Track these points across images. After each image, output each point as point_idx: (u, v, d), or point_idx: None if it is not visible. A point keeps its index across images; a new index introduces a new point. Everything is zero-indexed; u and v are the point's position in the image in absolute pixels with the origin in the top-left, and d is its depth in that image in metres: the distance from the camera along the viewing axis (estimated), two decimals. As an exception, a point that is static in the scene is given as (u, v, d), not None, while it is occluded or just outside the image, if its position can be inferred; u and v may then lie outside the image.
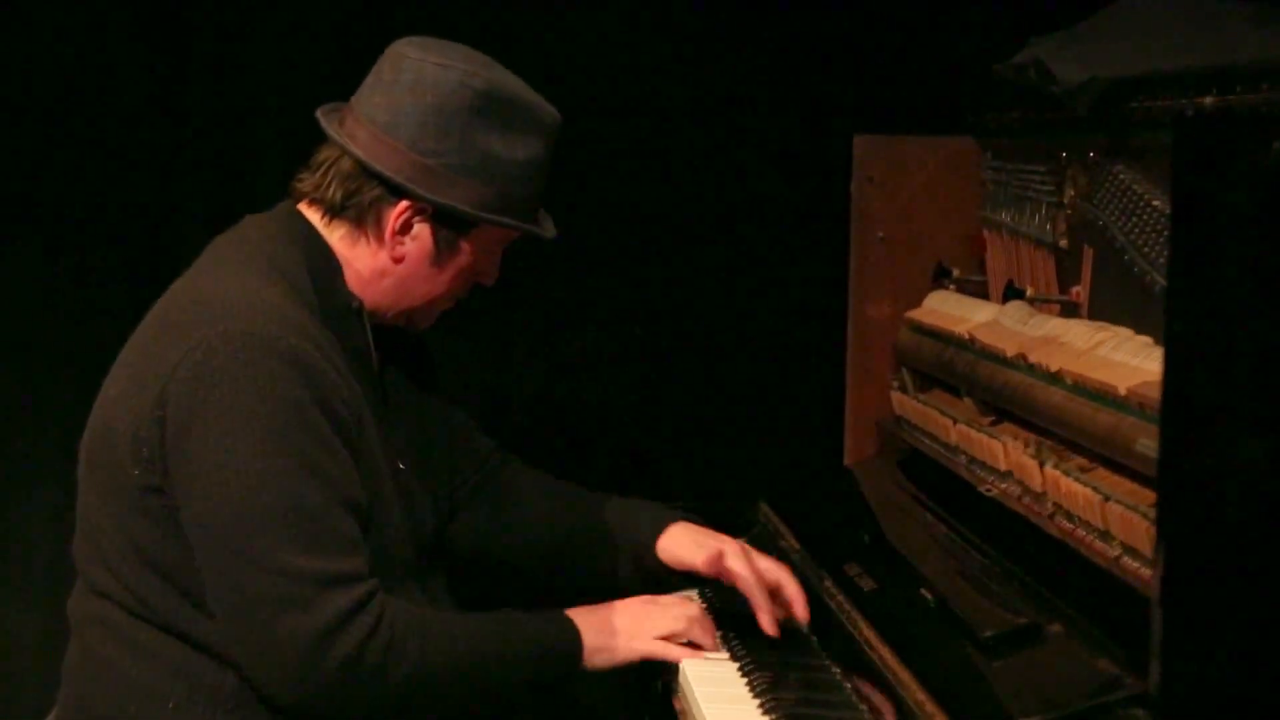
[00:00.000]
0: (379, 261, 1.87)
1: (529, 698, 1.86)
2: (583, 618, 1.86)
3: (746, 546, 2.00)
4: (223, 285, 1.79)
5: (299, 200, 1.90)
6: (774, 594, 1.96)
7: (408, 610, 1.75)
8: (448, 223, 1.86)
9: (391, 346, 1.97)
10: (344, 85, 1.93)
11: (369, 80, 1.89)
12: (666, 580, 2.09)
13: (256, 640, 1.68)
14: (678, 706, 1.87)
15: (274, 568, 1.66)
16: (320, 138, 1.89)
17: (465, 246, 1.89)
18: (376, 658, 1.68)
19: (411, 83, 1.82)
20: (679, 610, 1.92)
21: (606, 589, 1.98)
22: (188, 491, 1.70)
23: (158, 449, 1.71)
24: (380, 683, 1.69)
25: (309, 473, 1.69)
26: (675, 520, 2.06)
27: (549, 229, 1.96)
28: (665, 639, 1.89)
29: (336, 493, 1.71)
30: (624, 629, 1.87)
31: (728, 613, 1.99)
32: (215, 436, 1.68)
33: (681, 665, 1.88)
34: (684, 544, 2.02)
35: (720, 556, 1.97)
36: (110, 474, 1.77)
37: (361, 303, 1.87)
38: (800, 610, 1.95)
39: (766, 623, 1.92)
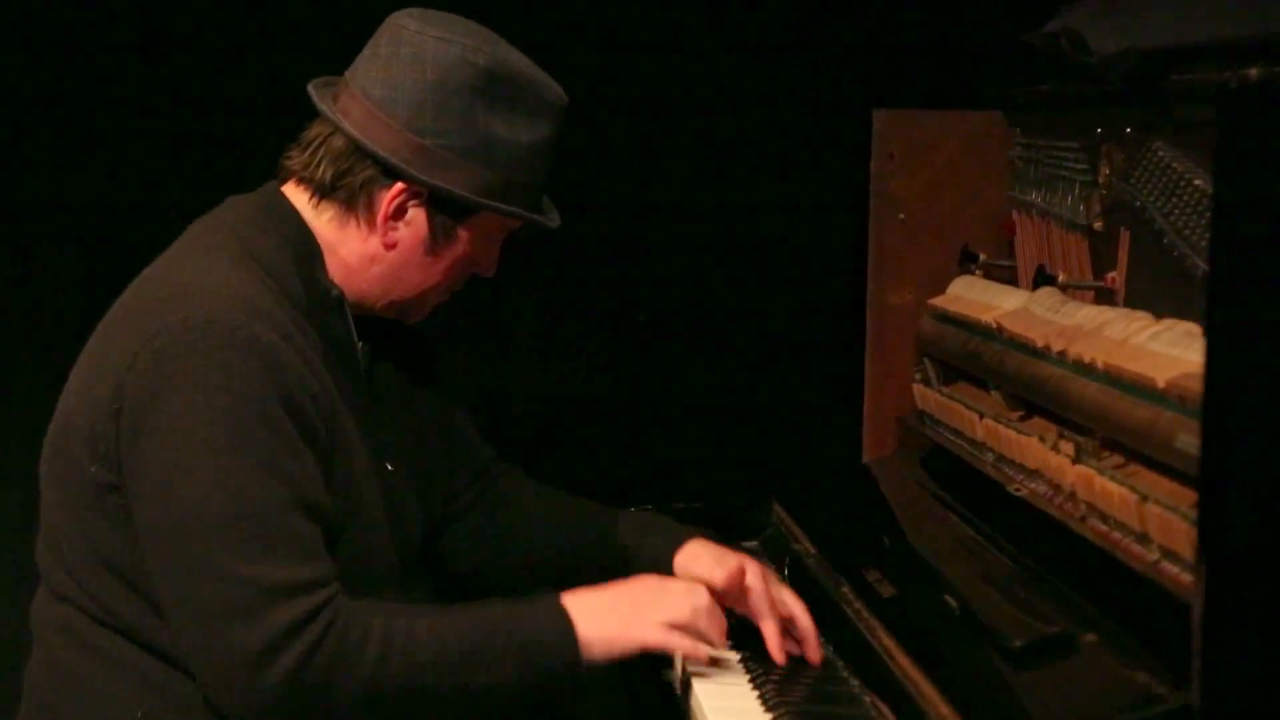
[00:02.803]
0: (369, 247, 1.87)
1: (526, 702, 1.82)
2: (577, 603, 1.78)
3: (769, 571, 1.98)
4: (190, 271, 1.79)
5: (286, 179, 1.90)
6: (785, 627, 1.93)
7: (369, 615, 1.70)
8: (445, 208, 1.86)
9: (385, 340, 1.97)
10: (338, 58, 1.92)
11: (365, 53, 1.88)
12: None
13: (202, 650, 1.67)
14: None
15: (219, 575, 1.65)
16: (313, 115, 1.88)
17: (463, 234, 1.89)
18: (321, 672, 1.65)
19: (410, 57, 1.82)
20: (686, 598, 1.85)
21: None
22: (138, 490, 1.70)
23: (114, 445, 1.71)
24: (328, 697, 1.66)
25: (265, 472, 1.67)
26: (692, 536, 2.03)
27: (553, 218, 1.95)
28: (669, 627, 1.82)
29: (295, 494, 1.69)
30: (625, 615, 1.80)
31: (739, 624, 1.98)
32: (166, 431, 1.67)
33: (690, 678, 1.87)
34: (702, 560, 1.99)
35: (741, 573, 1.93)
36: (69, 471, 1.77)
37: (342, 292, 1.86)
38: (812, 650, 1.92)
39: (775, 650, 1.89)
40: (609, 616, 1.79)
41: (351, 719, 1.69)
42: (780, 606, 1.93)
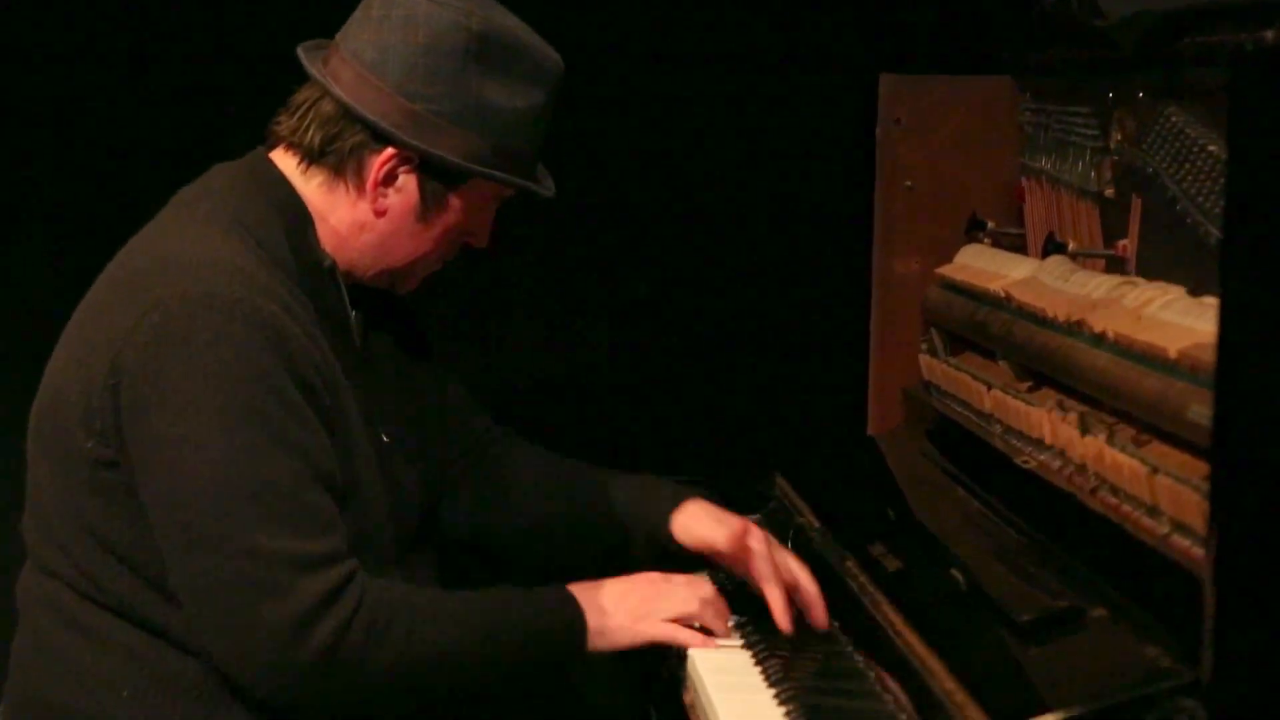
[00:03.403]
0: (358, 214, 1.87)
1: (527, 686, 1.86)
2: (585, 594, 1.84)
3: (770, 536, 1.99)
4: (182, 242, 1.79)
5: (275, 145, 1.89)
6: (790, 594, 1.94)
7: (391, 591, 1.75)
8: (436, 175, 1.86)
9: (377, 310, 1.97)
10: (329, 22, 1.91)
11: (356, 15, 1.88)
12: (680, 559, 2.09)
13: (227, 628, 1.68)
14: (687, 700, 1.87)
15: (244, 551, 1.66)
16: (303, 79, 1.87)
17: (454, 202, 1.88)
18: (357, 646, 1.68)
19: (402, 20, 1.81)
20: (690, 591, 1.91)
21: (611, 572, 1.96)
22: (147, 469, 1.70)
23: (111, 421, 1.71)
24: (361, 671, 1.69)
25: (279, 446, 1.68)
26: (691, 496, 2.05)
27: (547, 186, 1.95)
28: (675, 621, 1.88)
29: (310, 467, 1.71)
30: (630, 609, 1.86)
31: (740, 595, 1.99)
32: (175, 409, 1.67)
33: (689, 652, 1.88)
34: (703, 521, 2.01)
35: (744, 534, 1.96)
36: (60, 446, 1.77)
37: (334, 261, 1.86)
38: (818, 615, 1.92)
39: (780, 614, 1.90)
40: (616, 610, 1.84)
41: (378, 693, 1.72)
42: (785, 572, 1.94)
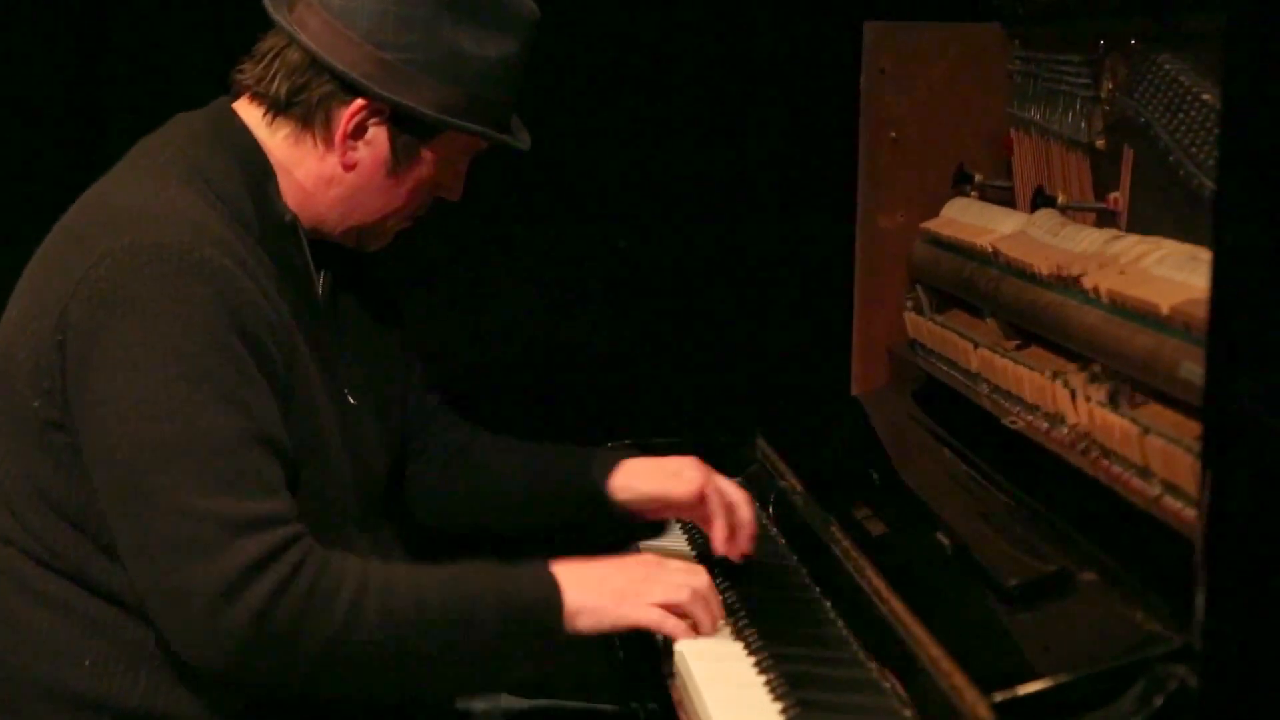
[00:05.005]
0: (326, 168, 1.86)
1: (506, 672, 1.81)
2: (567, 573, 1.78)
3: (706, 466, 2.06)
4: (135, 193, 1.77)
5: (239, 95, 1.88)
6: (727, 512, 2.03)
7: (342, 560, 1.69)
8: (407, 127, 1.85)
9: (349, 271, 1.96)
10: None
11: None
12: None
13: (159, 590, 1.66)
14: (674, 689, 1.86)
15: (176, 509, 1.63)
16: (268, 26, 1.86)
17: (426, 155, 1.88)
18: (290, 615, 1.63)
19: None
20: (683, 579, 1.84)
21: (579, 544, 1.95)
22: (87, 425, 1.68)
23: (58, 379, 1.70)
24: (296, 644, 1.65)
25: (222, 403, 1.66)
26: (624, 457, 2.09)
27: (522, 139, 1.94)
28: (663, 609, 1.81)
29: (253, 426, 1.68)
30: (615, 590, 1.79)
31: (721, 562, 2.00)
32: (116, 362, 1.66)
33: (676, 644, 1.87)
34: (637, 472, 2.07)
35: (678, 471, 2.04)
36: (11, 407, 1.76)
37: (296, 217, 1.85)
38: (744, 541, 2.02)
39: (719, 544, 2.00)
40: (601, 589, 1.78)
41: (317, 673, 1.68)
42: (724, 492, 2.03)
